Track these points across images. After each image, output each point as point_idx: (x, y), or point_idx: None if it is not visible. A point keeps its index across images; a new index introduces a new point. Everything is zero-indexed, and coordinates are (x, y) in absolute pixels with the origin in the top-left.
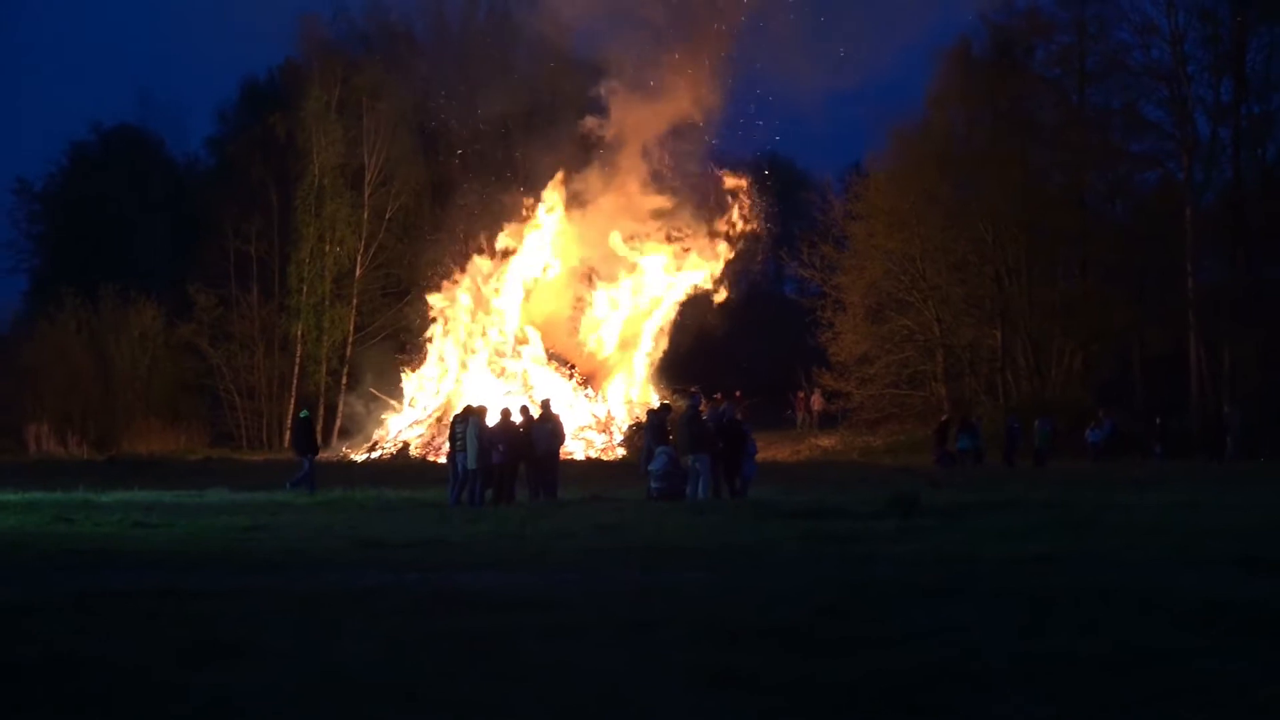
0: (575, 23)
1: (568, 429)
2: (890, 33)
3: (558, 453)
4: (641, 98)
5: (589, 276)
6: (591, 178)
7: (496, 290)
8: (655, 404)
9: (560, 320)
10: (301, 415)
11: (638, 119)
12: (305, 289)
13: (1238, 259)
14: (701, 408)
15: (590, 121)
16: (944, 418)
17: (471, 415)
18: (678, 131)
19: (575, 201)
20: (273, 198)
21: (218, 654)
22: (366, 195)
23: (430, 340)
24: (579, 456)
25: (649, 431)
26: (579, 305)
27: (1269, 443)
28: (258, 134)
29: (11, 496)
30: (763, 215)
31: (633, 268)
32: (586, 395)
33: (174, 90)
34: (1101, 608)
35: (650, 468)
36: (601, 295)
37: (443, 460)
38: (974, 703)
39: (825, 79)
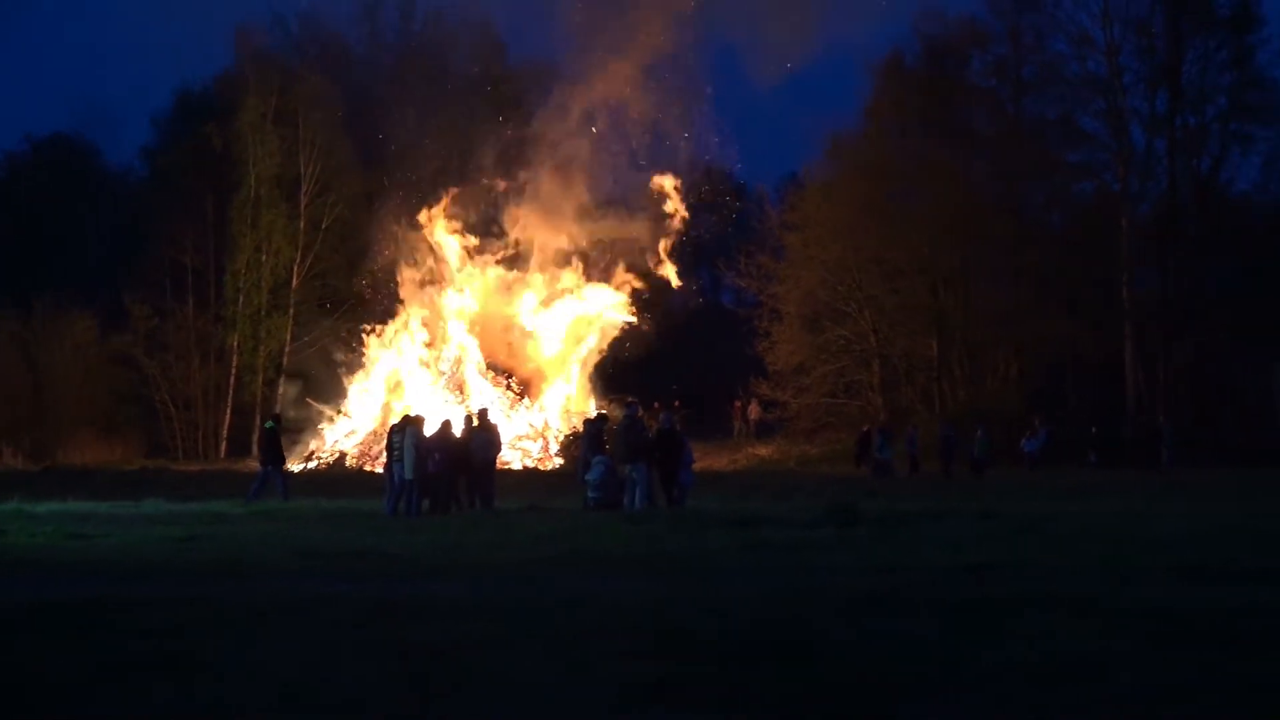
0: (509, 33)
1: (505, 439)
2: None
3: (494, 462)
4: (580, 105)
5: (527, 286)
6: (530, 187)
7: (434, 300)
8: (592, 413)
9: (498, 330)
10: (267, 426)
11: (576, 127)
12: (241, 299)
13: (1172, 269)
14: (640, 415)
15: (528, 130)
16: (866, 428)
17: (409, 425)
18: (616, 140)
19: (514, 210)
20: (209, 208)
21: (153, 666)
22: (303, 205)
23: (368, 350)
24: (516, 466)
25: (586, 441)
26: (517, 315)
27: (1203, 452)
28: (193, 144)
29: None
30: (700, 226)
31: (571, 278)
32: (524, 405)
33: (109, 100)
34: (1037, 617)
35: (587, 477)
36: (538, 305)
37: (380, 470)
38: (909, 712)
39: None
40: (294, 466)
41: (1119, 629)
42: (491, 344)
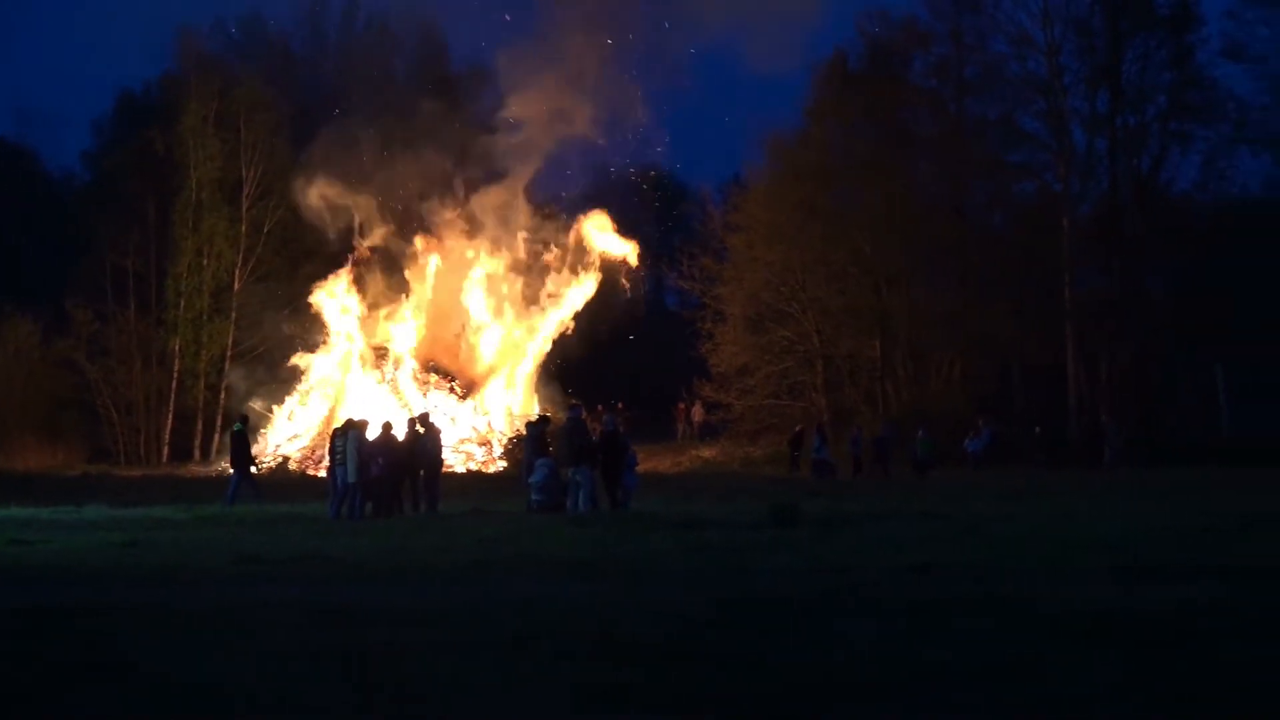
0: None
1: (448, 442)
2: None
3: (438, 465)
4: (522, 111)
5: (471, 290)
6: (473, 190)
7: (378, 303)
8: (535, 416)
9: (442, 333)
10: (235, 429)
11: (519, 132)
12: (183, 303)
13: (1114, 269)
14: (584, 418)
15: (471, 134)
16: (798, 428)
17: (352, 429)
18: (560, 144)
19: (457, 214)
20: (150, 212)
21: (94, 673)
22: (245, 209)
23: (311, 353)
24: (459, 469)
25: (529, 444)
26: (461, 318)
27: (1146, 451)
28: (135, 148)
29: None
30: (643, 229)
31: (515, 281)
32: (467, 408)
33: (49, 105)
34: (979, 618)
35: (530, 480)
36: (483, 308)
37: (323, 474)
38: (849, 714)
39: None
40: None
41: (1057, 630)
42: (435, 346)
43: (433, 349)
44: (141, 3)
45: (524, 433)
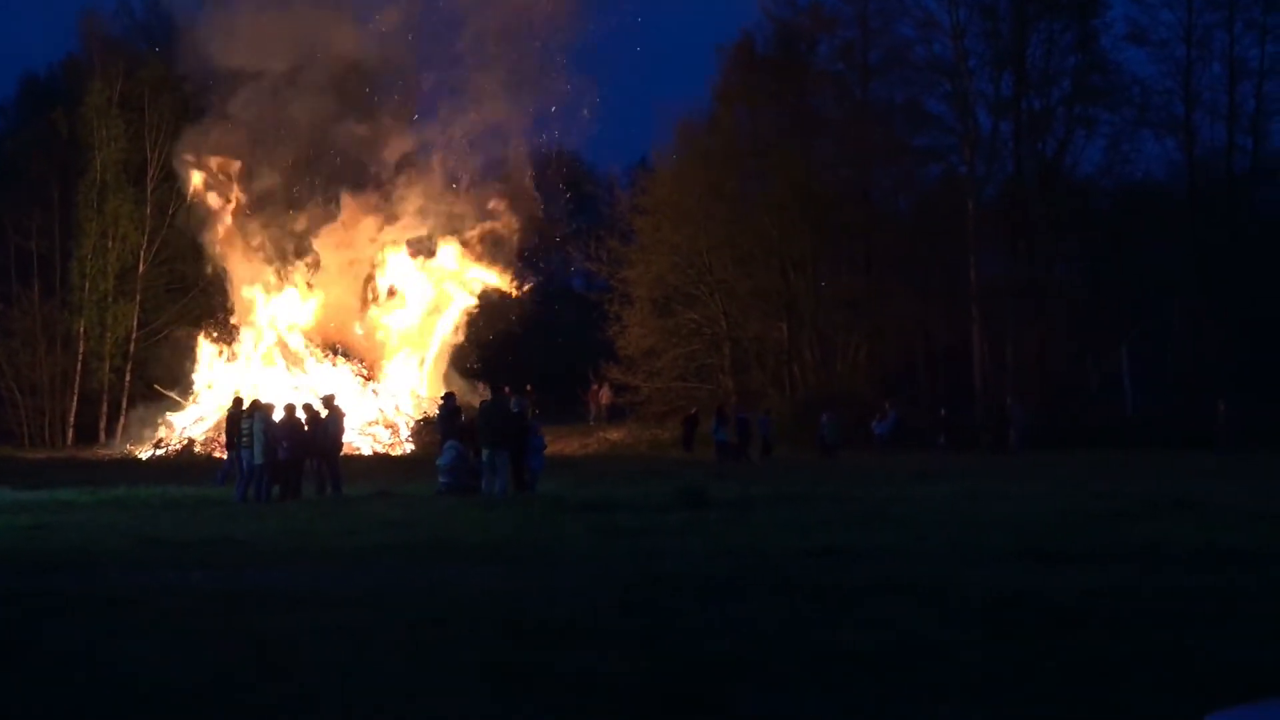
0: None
1: (354, 424)
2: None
3: (339, 447)
4: (433, 94)
5: (377, 271)
6: (381, 174)
7: (282, 285)
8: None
9: (348, 314)
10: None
11: (431, 117)
12: (88, 285)
13: (1019, 252)
14: (506, 399)
15: (384, 118)
16: (693, 410)
17: (258, 411)
18: (465, 124)
19: (363, 196)
20: (54, 194)
21: None
22: (150, 190)
23: (214, 335)
24: (365, 451)
25: (440, 423)
26: (367, 299)
27: (1049, 434)
28: (38, 130)
29: None
30: (550, 211)
31: (421, 264)
32: (373, 390)
33: None
34: (886, 601)
35: (438, 462)
36: (390, 290)
37: (227, 456)
38: (756, 699)
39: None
40: (142, 454)
41: (959, 612)
42: (341, 327)
43: (334, 329)
44: None
45: (434, 415)
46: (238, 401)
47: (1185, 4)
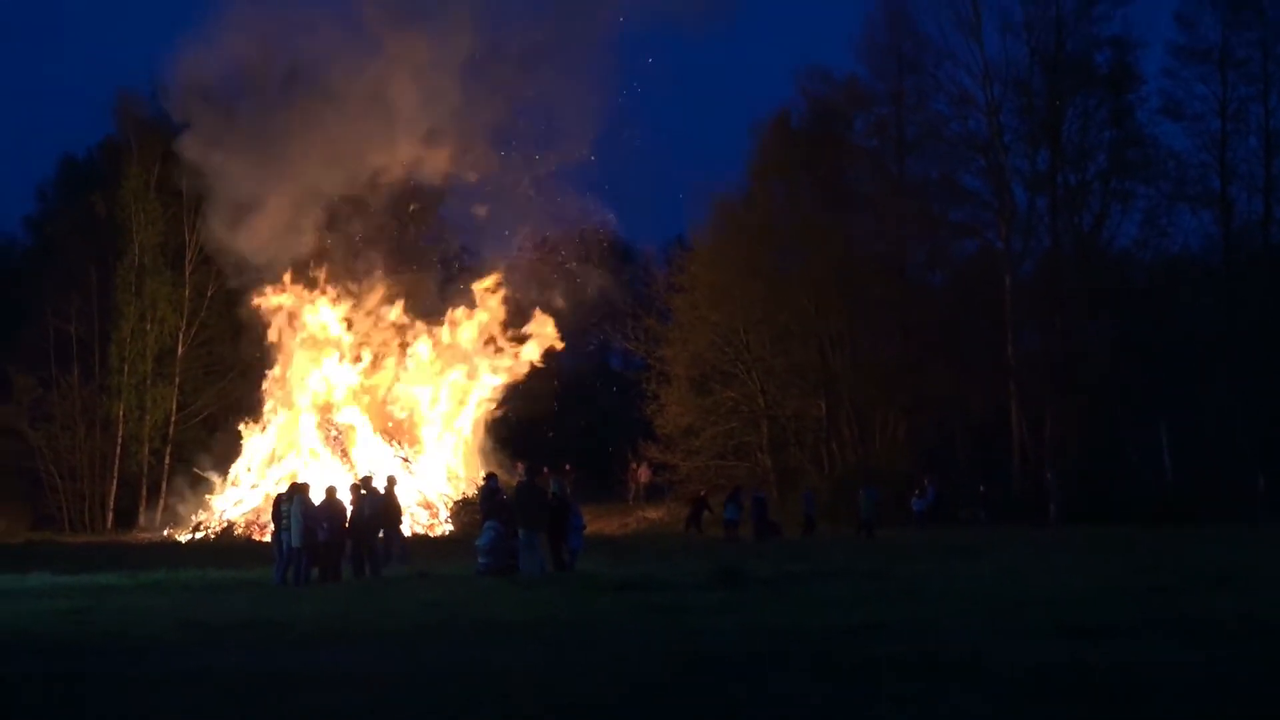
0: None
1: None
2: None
3: (379, 529)
4: (467, 171)
5: (415, 352)
6: (417, 253)
7: (321, 367)
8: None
9: (386, 396)
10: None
11: (465, 193)
12: (126, 368)
13: (1056, 326)
14: (537, 481)
15: (418, 196)
16: (701, 493)
17: (296, 493)
18: (504, 205)
19: (399, 277)
20: (93, 277)
21: None
22: (188, 273)
23: (256, 419)
24: (405, 533)
25: (481, 503)
26: (405, 381)
27: (1088, 507)
28: (77, 213)
29: None
30: (587, 291)
31: (459, 344)
32: (412, 471)
33: None
34: (926, 677)
35: (477, 543)
36: (427, 370)
37: (268, 539)
38: None
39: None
40: (182, 537)
41: (999, 687)
42: (378, 409)
43: (372, 411)
44: (84, 67)
45: (472, 497)
46: (293, 486)
47: (1219, 78)
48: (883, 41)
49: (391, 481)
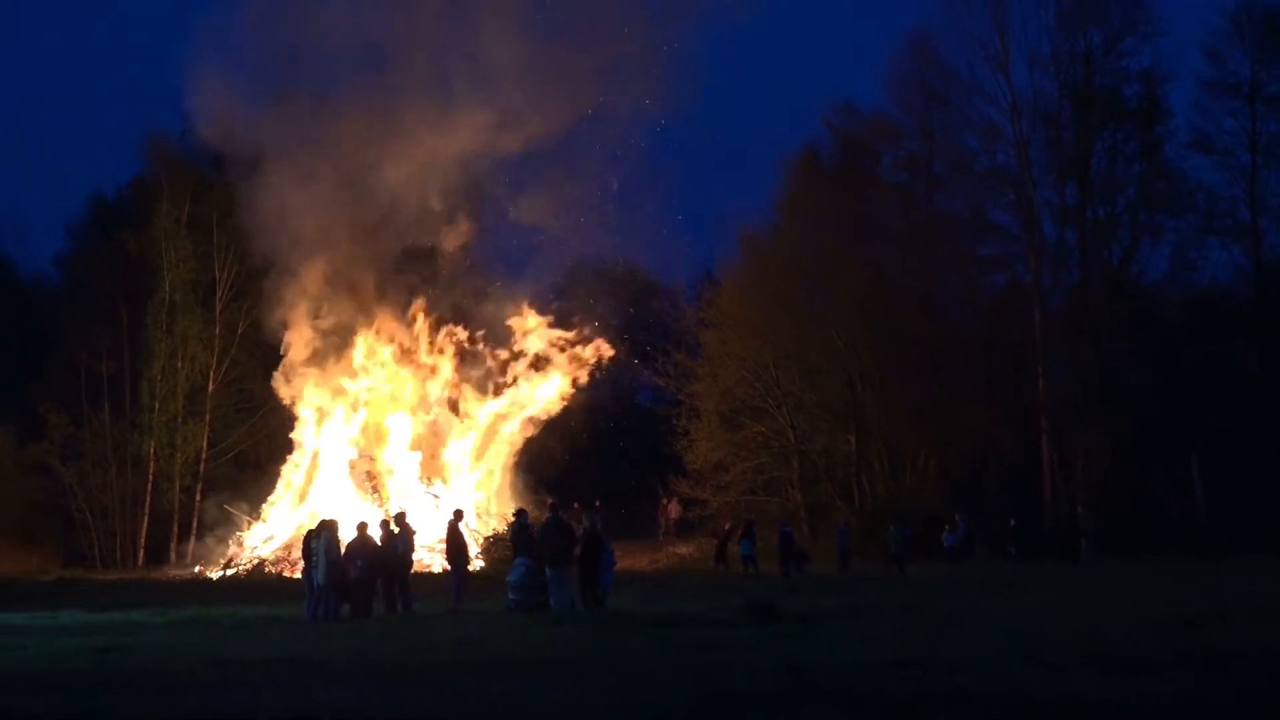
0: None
1: (424, 541)
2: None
3: (410, 565)
4: (499, 211)
5: (445, 388)
6: (447, 291)
7: (352, 404)
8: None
9: (417, 433)
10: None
11: (497, 229)
12: (157, 406)
13: (1086, 360)
14: (564, 516)
15: (449, 236)
16: (727, 526)
17: (325, 530)
18: (530, 240)
19: (430, 311)
20: (123, 315)
21: None
22: (218, 311)
23: (283, 455)
24: (435, 569)
25: (511, 539)
26: (435, 417)
27: (1120, 542)
28: (108, 251)
29: None
30: (616, 326)
31: (488, 379)
32: (440, 507)
33: (21, 208)
34: (959, 712)
35: (508, 579)
36: (457, 405)
37: (299, 576)
38: None
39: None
40: (213, 574)
41: None
42: (409, 444)
43: (404, 447)
44: (113, 105)
45: (502, 533)
46: (322, 524)
47: (1249, 111)
48: (910, 76)
49: (458, 516)
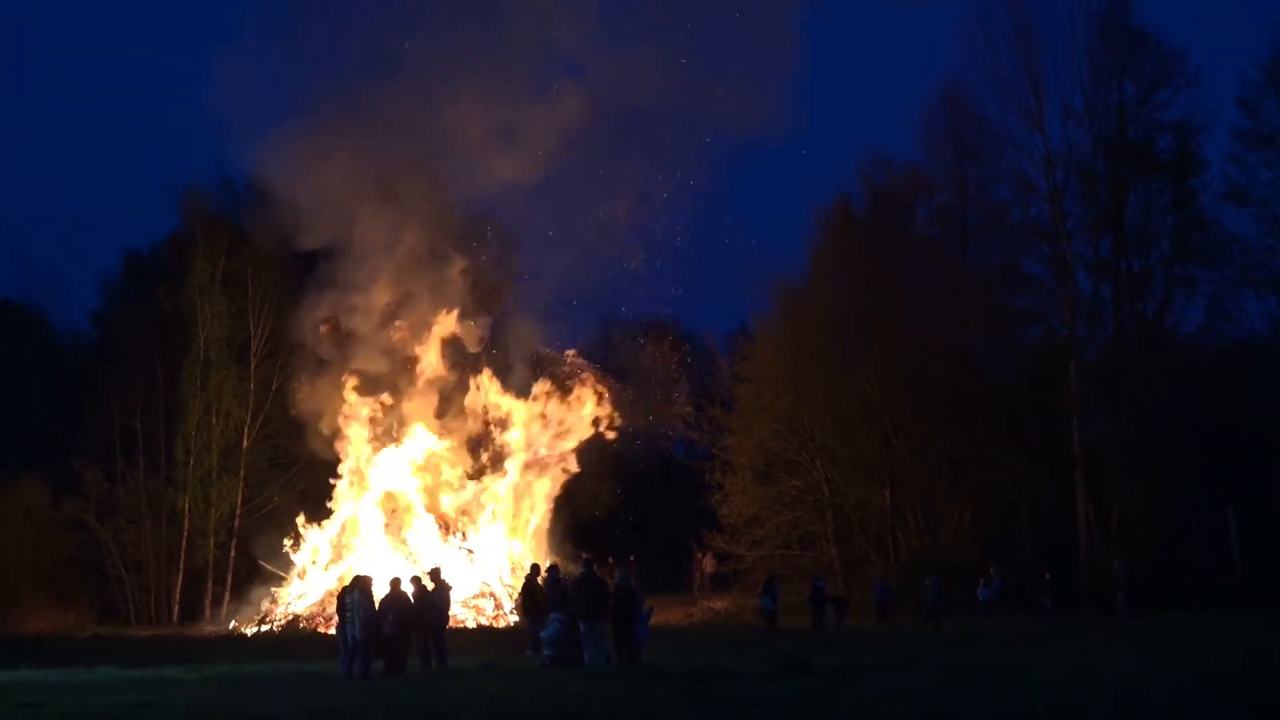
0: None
1: (458, 596)
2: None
3: (446, 620)
4: (532, 260)
5: (476, 443)
6: (476, 344)
7: (385, 458)
8: (546, 567)
9: (450, 487)
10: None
11: (528, 282)
12: (192, 462)
13: (1121, 413)
14: (596, 571)
15: (482, 284)
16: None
17: (359, 585)
18: (565, 294)
19: (461, 371)
20: (158, 370)
21: None
22: (253, 367)
23: (317, 511)
24: (470, 624)
25: (546, 594)
26: (468, 472)
27: (1158, 595)
28: (142, 307)
29: None
30: (651, 380)
31: (523, 435)
32: (476, 561)
33: (57, 264)
34: None
35: (542, 635)
36: (492, 461)
37: (333, 631)
38: None
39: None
40: (248, 630)
41: None
42: (443, 499)
43: (437, 502)
44: (147, 162)
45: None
46: (356, 579)
47: None
48: (943, 128)
49: (534, 570)
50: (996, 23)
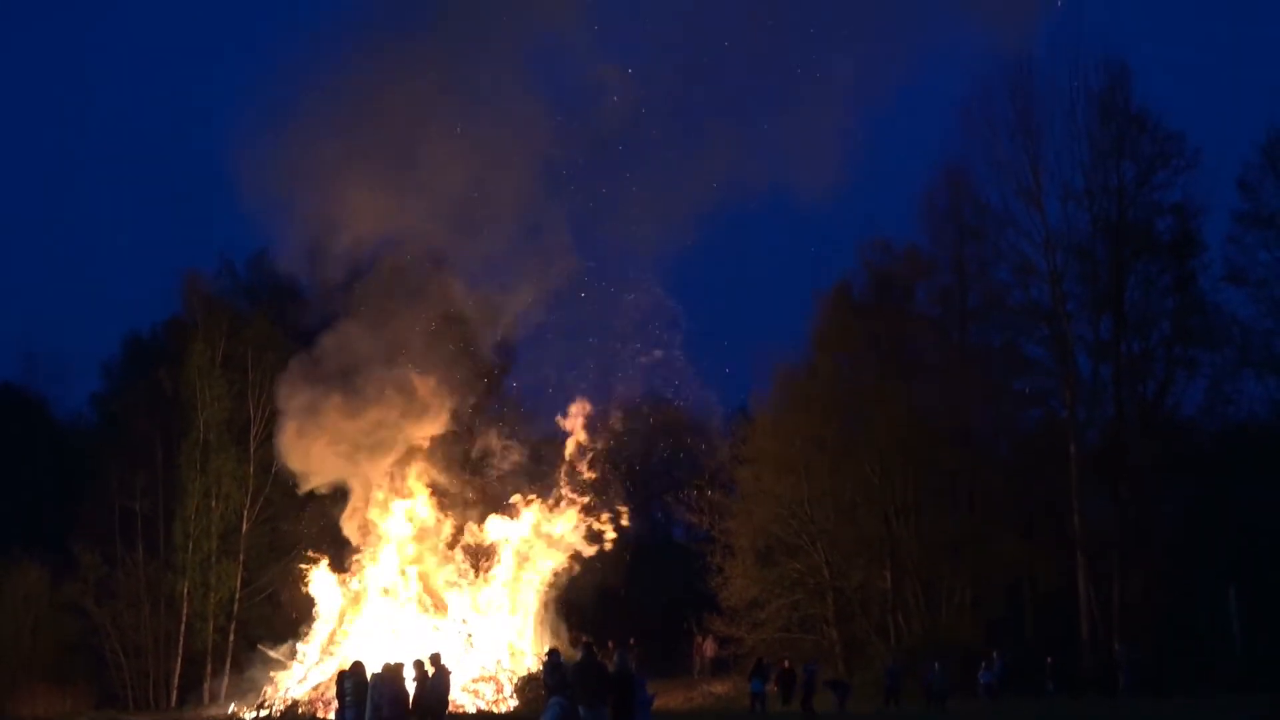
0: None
1: (458, 681)
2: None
3: (446, 705)
4: (535, 353)
5: (474, 528)
6: (474, 422)
7: (382, 545)
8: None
9: (447, 571)
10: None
11: (528, 371)
12: (191, 546)
13: (1122, 495)
14: (597, 656)
15: (481, 371)
16: (785, 664)
17: (355, 671)
18: (565, 376)
19: (457, 459)
20: (158, 454)
21: None
22: (252, 449)
23: (319, 598)
24: (470, 709)
25: (544, 678)
26: (465, 556)
27: (1159, 678)
28: (143, 390)
29: None
30: (649, 463)
31: (518, 519)
32: (475, 646)
33: (57, 348)
34: None
35: (542, 719)
36: (488, 547)
37: (332, 716)
38: None
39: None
40: (247, 715)
41: None
42: (440, 583)
43: (433, 586)
44: (147, 246)
45: (535, 673)
46: (356, 664)
47: None
48: (943, 209)
49: (589, 648)
50: (997, 103)
